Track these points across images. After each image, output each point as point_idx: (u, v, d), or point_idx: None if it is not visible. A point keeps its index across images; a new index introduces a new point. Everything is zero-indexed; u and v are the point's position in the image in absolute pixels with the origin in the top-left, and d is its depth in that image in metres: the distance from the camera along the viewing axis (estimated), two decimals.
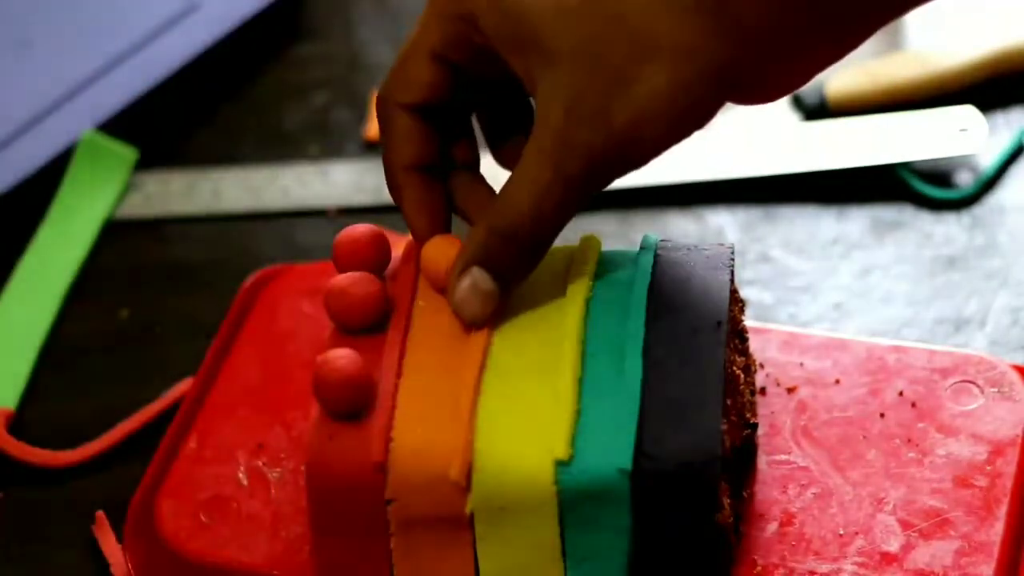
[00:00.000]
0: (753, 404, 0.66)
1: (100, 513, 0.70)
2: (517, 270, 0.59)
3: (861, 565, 0.62)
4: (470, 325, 0.60)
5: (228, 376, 0.71)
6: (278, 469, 0.67)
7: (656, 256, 0.64)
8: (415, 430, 0.59)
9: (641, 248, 0.64)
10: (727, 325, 0.61)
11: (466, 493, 0.58)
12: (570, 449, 0.58)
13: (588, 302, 0.62)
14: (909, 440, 0.66)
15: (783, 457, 0.66)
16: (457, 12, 0.57)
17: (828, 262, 0.78)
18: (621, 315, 0.61)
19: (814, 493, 0.65)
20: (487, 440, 0.58)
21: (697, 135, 0.57)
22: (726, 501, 0.59)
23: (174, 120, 0.88)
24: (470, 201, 0.61)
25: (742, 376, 0.64)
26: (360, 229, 0.63)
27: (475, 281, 0.59)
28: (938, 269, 0.77)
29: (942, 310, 0.75)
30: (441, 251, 0.61)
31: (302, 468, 0.64)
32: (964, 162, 0.81)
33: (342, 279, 0.62)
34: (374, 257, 0.63)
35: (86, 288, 0.81)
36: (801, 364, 0.69)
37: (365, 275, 0.62)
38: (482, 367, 0.60)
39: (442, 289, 0.61)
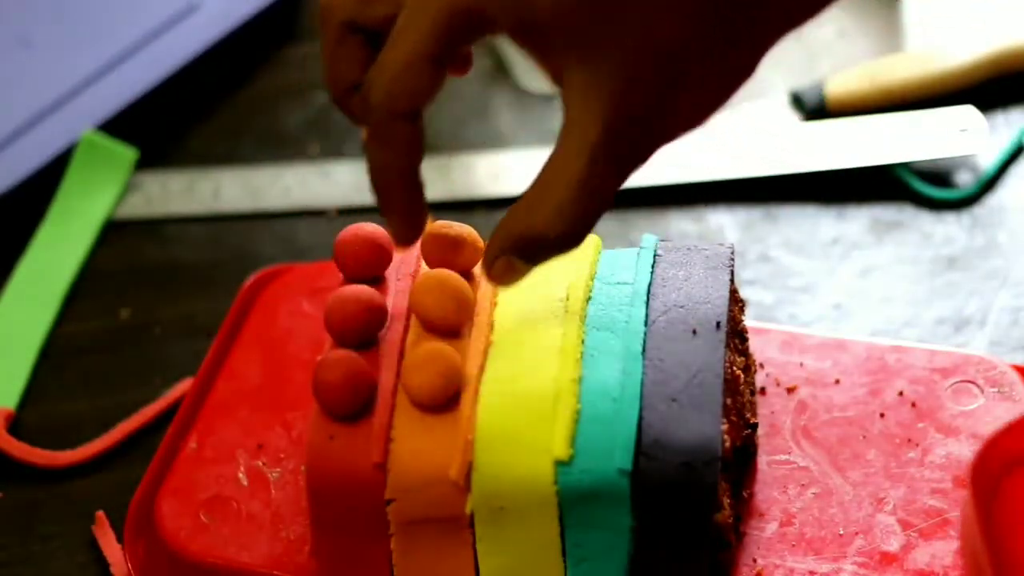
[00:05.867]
0: (753, 404, 0.66)
1: (100, 513, 0.70)
2: (552, 257, 0.57)
3: (861, 565, 0.62)
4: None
5: (228, 376, 0.71)
6: (278, 469, 0.67)
7: (656, 256, 0.64)
8: (415, 430, 0.59)
9: (641, 248, 0.64)
10: (727, 325, 0.61)
11: (466, 493, 0.58)
12: (570, 449, 0.58)
13: (588, 302, 0.62)
14: (909, 440, 0.66)
15: (783, 457, 0.66)
16: (459, 8, 0.55)
17: (828, 262, 0.78)
18: (621, 315, 0.61)
19: (814, 493, 0.65)
20: (487, 440, 0.58)
21: (697, 135, 0.57)
22: (726, 501, 0.59)
23: (174, 120, 0.88)
24: None
25: (742, 376, 0.64)
26: (361, 229, 0.64)
27: (511, 264, 0.57)
28: (938, 269, 0.77)
29: (942, 310, 0.75)
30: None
31: (302, 468, 0.64)
32: (964, 162, 0.81)
33: (341, 300, 0.61)
34: (375, 257, 0.63)
35: (86, 288, 0.81)
36: (801, 364, 0.69)
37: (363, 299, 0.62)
38: (482, 367, 0.60)
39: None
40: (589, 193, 0.55)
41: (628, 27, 0.53)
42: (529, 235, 0.56)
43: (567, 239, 0.56)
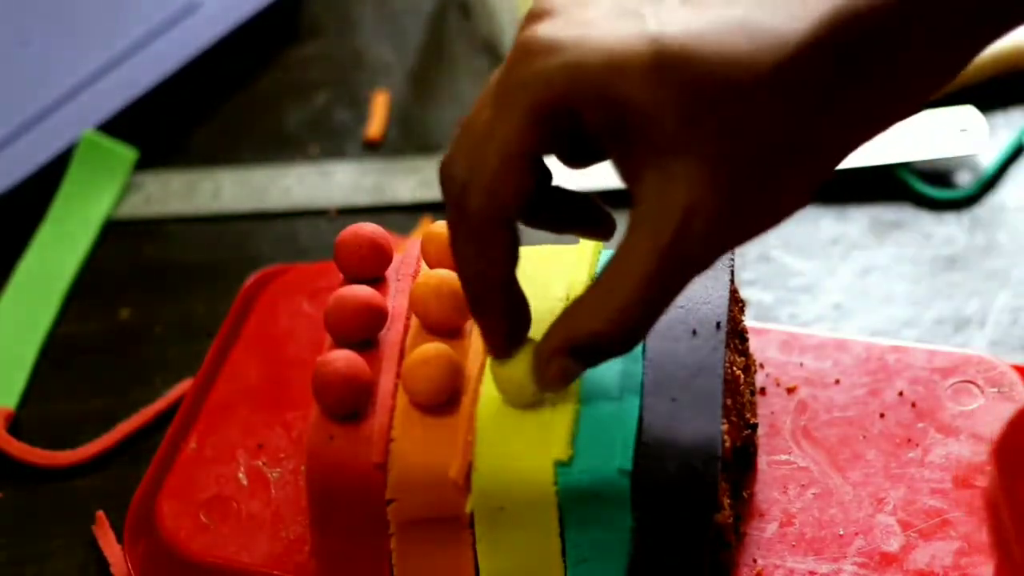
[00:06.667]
0: (753, 404, 0.66)
1: (100, 513, 0.70)
2: (608, 359, 0.57)
3: (861, 565, 0.62)
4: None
5: (228, 376, 0.71)
6: (278, 469, 0.67)
7: None
8: (415, 430, 0.59)
9: None
10: (727, 325, 0.61)
11: (466, 493, 0.58)
12: (570, 449, 0.58)
13: None
14: (909, 440, 0.66)
15: (783, 457, 0.66)
16: (557, 109, 0.53)
17: (828, 262, 0.78)
18: None
19: (814, 493, 0.65)
20: (487, 440, 0.58)
21: None
22: (726, 501, 0.59)
23: (174, 120, 0.88)
24: None
25: (742, 376, 0.64)
26: (361, 229, 0.63)
27: (567, 369, 0.56)
28: (938, 269, 0.77)
29: (942, 310, 0.75)
30: None
31: (302, 468, 0.64)
32: (964, 162, 0.81)
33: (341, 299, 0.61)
34: (375, 257, 0.63)
35: (86, 288, 0.81)
36: (801, 364, 0.69)
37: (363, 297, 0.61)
38: (482, 367, 0.60)
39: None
40: (657, 296, 0.54)
41: (719, 133, 0.52)
42: (591, 338, 0.55)
43: (630, 342, 0.55)
